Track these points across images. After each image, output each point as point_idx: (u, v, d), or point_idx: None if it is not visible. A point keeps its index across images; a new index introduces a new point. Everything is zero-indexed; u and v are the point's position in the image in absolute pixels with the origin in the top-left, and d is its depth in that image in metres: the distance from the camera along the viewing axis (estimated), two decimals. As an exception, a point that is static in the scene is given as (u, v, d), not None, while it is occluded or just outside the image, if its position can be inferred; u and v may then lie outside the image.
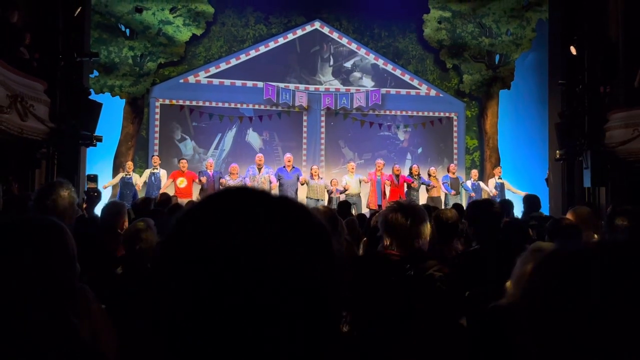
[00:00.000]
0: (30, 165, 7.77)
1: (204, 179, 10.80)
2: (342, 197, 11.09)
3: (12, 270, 1.15)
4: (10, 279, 1.14)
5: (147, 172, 11.10)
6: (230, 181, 10.73)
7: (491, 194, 11.38)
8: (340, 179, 11.59)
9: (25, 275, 1.15)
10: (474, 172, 12.32)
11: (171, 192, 10.66)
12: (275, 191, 11.18)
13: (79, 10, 8.70)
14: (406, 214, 2.04)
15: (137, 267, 2.76)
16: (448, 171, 12.13)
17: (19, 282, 1.15)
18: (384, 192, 11.24)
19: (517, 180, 12.32)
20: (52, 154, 8.09)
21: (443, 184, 11.76)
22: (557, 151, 9.95)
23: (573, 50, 9.54)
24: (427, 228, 2.12)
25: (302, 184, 11.02)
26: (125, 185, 10.82)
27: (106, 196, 11.77)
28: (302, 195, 11.34)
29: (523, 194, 11.69)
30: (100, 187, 9.78)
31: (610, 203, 8.23)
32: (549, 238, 2.79)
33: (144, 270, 2.74)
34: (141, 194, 10.98)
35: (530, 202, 5.60)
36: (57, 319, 1.17)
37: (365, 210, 10.98)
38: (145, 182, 11.06)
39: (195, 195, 10.77)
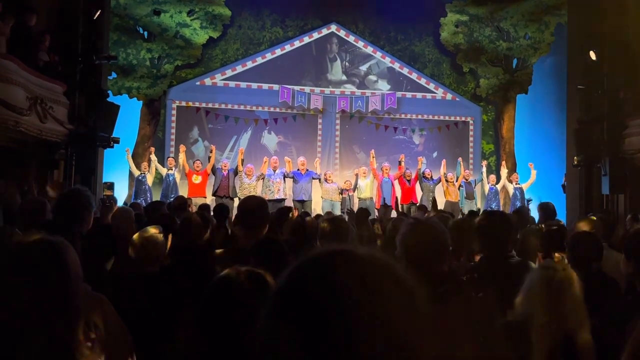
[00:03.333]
0: (48, 166, 7.90)
1: (213, 147, 11.54)
2: (354, 195, 11.23)
3: (10, 292, 1.17)
4: (7, 302, 1.16)
5: (164, 170, 11.22)
6: (246, 180, 10.86)
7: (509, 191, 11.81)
8: (352, 181, 11.60)
9: (22, 298, 1.17)
10: (492, 177, 12.22)
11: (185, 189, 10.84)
12: (289, 191, 11.31)
13: (98, 13, 8.80)
14: (427, 235, 1.96)
15: (146, 273, 2.79)
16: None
17: (15, 306, 1.16)
18: (394, 191, 11.26)
19: (533, 186, 12.18)
20: (70, 155, 8.21)
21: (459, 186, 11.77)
22: (575, 157, 9.81)
23: (592, 54, 9.40)
24: (447, 248, 2.03)
25: (315, 177, 11.24)
26: (140, 183, 10.98)
27: (122, 195, 11.94)
28: (316, 197, 11.39)
29: (533, 173, 11.76)
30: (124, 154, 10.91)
31: (629, 211, 8.10)
32: (570, 252, 2.75)
33: (154, 275, 2.77)
34: (153, 190, 11.16)
35: (546, 210, 5.54)
36: (55, 344, 1.18)
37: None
38: (159, 181, 11.29)
39: (208, 192, 10.88)
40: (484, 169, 12.35)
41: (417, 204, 10.68)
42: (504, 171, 12.28)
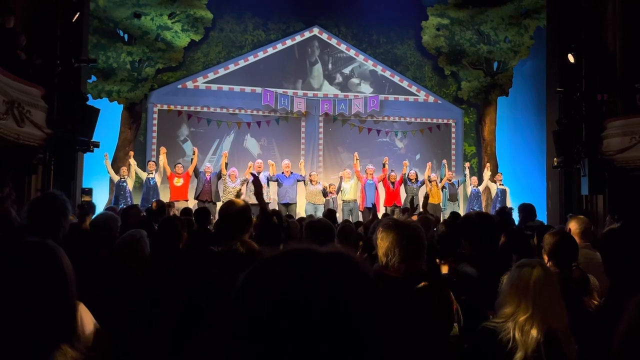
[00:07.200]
0: (26, 171, 7.75)
1: (195, 149, 11.44)
2: (338, 197, 11.26)
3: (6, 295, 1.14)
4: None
5: (144, 175, 11.08)
6: (230, 183, 10.79)
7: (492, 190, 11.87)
8: (336, 184, 11.61)
9: (19, 300, 1.14)
10: (474, 179, 12.32)
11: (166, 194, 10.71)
12: (273, 194, 11.27)
13: (77, 15, 8.68)
14: (401, 233, 1.98)
15: (128, 277, 2.75)
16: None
17: (11, 308, 1.13)
18: (377, 194, 11.30)
19: (514, 187, 12.32)
20: (48, 160, 8.06)
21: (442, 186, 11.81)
22: (555, 159, 9.94)
23: (571, 58, 9.54)
24: (424, 247, 2.05)
25: (300, 179, 11.19)
26: (120, 189, 10.82)
27: (103, 200, 11.77)
28: (301, 201, 11.36)
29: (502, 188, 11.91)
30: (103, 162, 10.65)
31: (608, 211, 8.23)
32: (549, 254, 2.77)
33: (135, 279, 2.73)
34: (134, 195, 11.01)
35: (526, 211, 5.59)
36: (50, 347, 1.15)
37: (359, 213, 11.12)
38: (140, 184, 11.16)
39: (190, 195, 10.79)
40: (467, 171, 12.44)
41: (401, 207, 10.71)
42: (487, 173, 12.38)
